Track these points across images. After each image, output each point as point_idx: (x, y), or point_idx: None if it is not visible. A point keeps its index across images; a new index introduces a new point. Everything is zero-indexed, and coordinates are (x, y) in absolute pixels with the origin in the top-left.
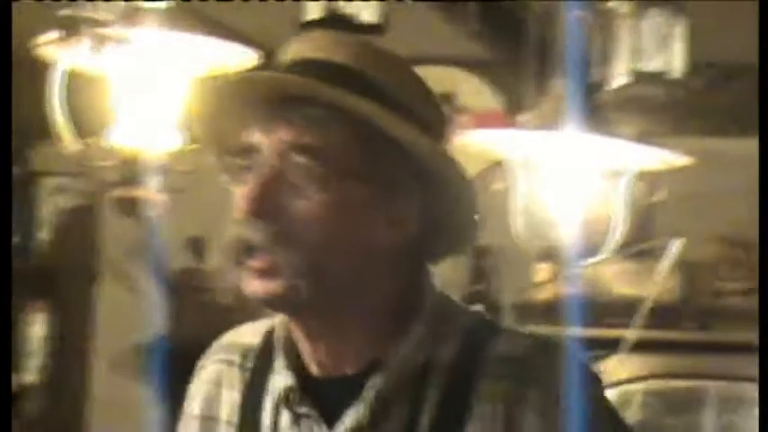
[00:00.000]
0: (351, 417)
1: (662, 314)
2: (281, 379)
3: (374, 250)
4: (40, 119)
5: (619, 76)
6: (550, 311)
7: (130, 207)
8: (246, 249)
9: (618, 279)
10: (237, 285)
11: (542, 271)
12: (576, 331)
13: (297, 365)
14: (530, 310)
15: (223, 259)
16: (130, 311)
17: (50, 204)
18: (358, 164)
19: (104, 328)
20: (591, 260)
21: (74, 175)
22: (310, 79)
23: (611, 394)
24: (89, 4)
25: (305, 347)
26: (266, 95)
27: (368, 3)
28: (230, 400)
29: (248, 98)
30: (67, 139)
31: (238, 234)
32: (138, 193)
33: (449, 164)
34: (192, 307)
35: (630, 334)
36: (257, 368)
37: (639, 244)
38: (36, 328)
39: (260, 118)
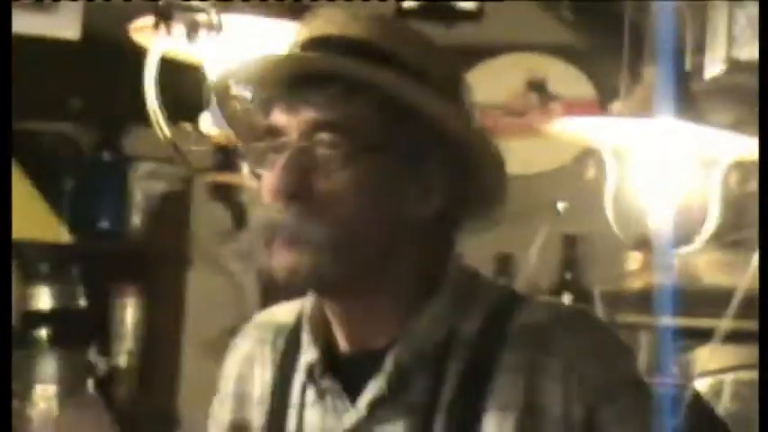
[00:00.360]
0: (371, 390)
1: (755, 304)
2: (306, 355)
3: (401, 224)
4: (133, 104)
5: (713, 65)
6: (642, 301)
7: (223, 192)
8: (276, 230)
9: (710, 269)
10: (267, 267)
11: (634, 260)
12: (667, 321)
13: (323, 341)
14: (621, 300)
15: (253, 242)
16: (222, 296)
17: (143, 189)
18: (382, 137)
19: (196, 312)
20: (683, 249)
21: (167, 161)
22: (330, 55)
23: (701, 384)
24: None
25: (334, 323)
26: (287, 75)
27: None
28: (262, 379)
29: (269, 80)
30: (161, 125)
31: (268, 216)
32: (231, 178)
33: (472, 130)
34: (282, 291)
35: (722, 324)
36: (288, 346)
37: (733, 233)
38: (128, 313)
39: (282, 99)
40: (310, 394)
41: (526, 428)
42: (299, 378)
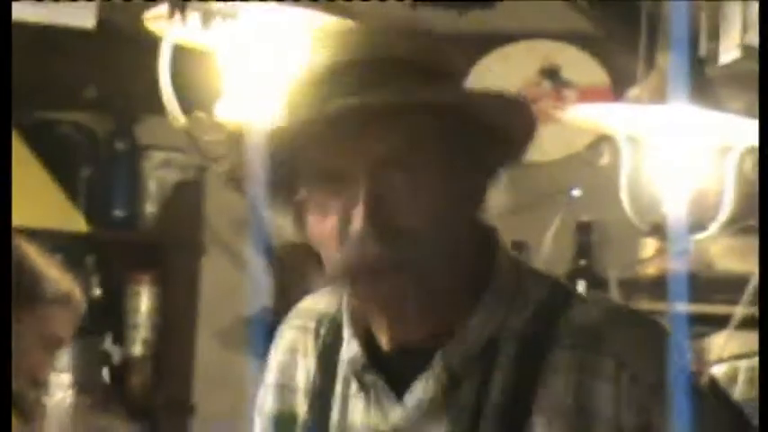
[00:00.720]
0: (420, 388)
1: None
2: (348, 348)
3: (460, 228)
4: (147, 93)
5: (727, 51)
6: (657, 287)
7: (237, 181)
8: (368, 264)
9: (725, 255)
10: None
11: (649, 246)
12: (682, 307)
13: (365, 334)
14: (636, 286)
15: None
16: (236, 285)
17: (157, 178)
18: (447, 156)
19: (210, 301)
20: (698, 236)
21: (181, 149)
22: (395, 86)
23: (717, 371)
24: None
25: (376, 318)
26: (347, 113)
27: None
28: (306, 368)
29: (329, 125)
30: (175, 113)
31: (355, 255)
32: (245, 167)
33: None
34: (297, 280)
35: (738, 310)
36: (331, 335)
37: (748, 219)
38: (142, 301)
39: (343, 139)
40: (354, 386)
41: (576, 430)
42: (342, 369)
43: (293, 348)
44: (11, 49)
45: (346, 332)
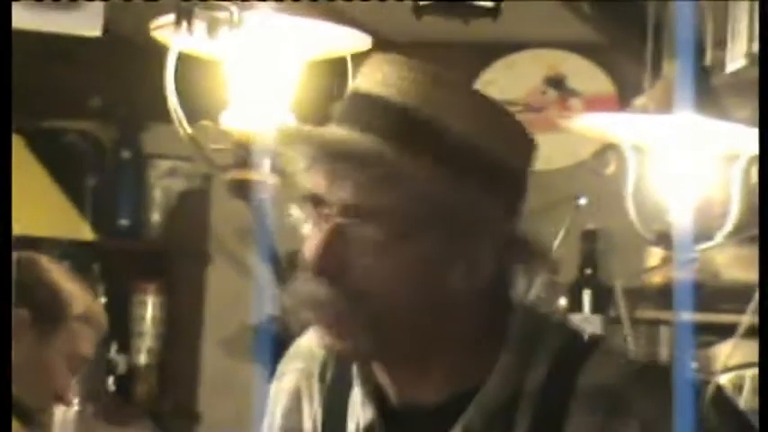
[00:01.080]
0: None
1: None
2: (361, 410)
3: (450, 296)
4: (153, 101)
5: (734, 60)
6: (663, 296)
7: (243, 190)
8: (314, 303)
9: (731, 264)
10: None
11: (654, 255)
12: (688, 316)
13: (377, 394)
14: (641, 295)
15: (294, 306)
16: (241, 293)
17: (163, 187)
18: (427, 221)
19: (215, 309)
20: (705, 245)
21: (186, 158)
22: (376, 142)
23: (723, 380)
24: None
25: (384, 378)
26: (331, 151)
27: None
28: (312, 414)
29: (314, 150)
30: (181, 122)
31: (306, 288)
32: (251, 175)
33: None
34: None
35: (744, 319)
36: (337, 381)
37: (753, 229)
38: (147, 310)
39: (325, 168)
40: None
41: None
42: (352, 424)
43: (296, 393)
44: (11, 50)
45: (359, 391)
